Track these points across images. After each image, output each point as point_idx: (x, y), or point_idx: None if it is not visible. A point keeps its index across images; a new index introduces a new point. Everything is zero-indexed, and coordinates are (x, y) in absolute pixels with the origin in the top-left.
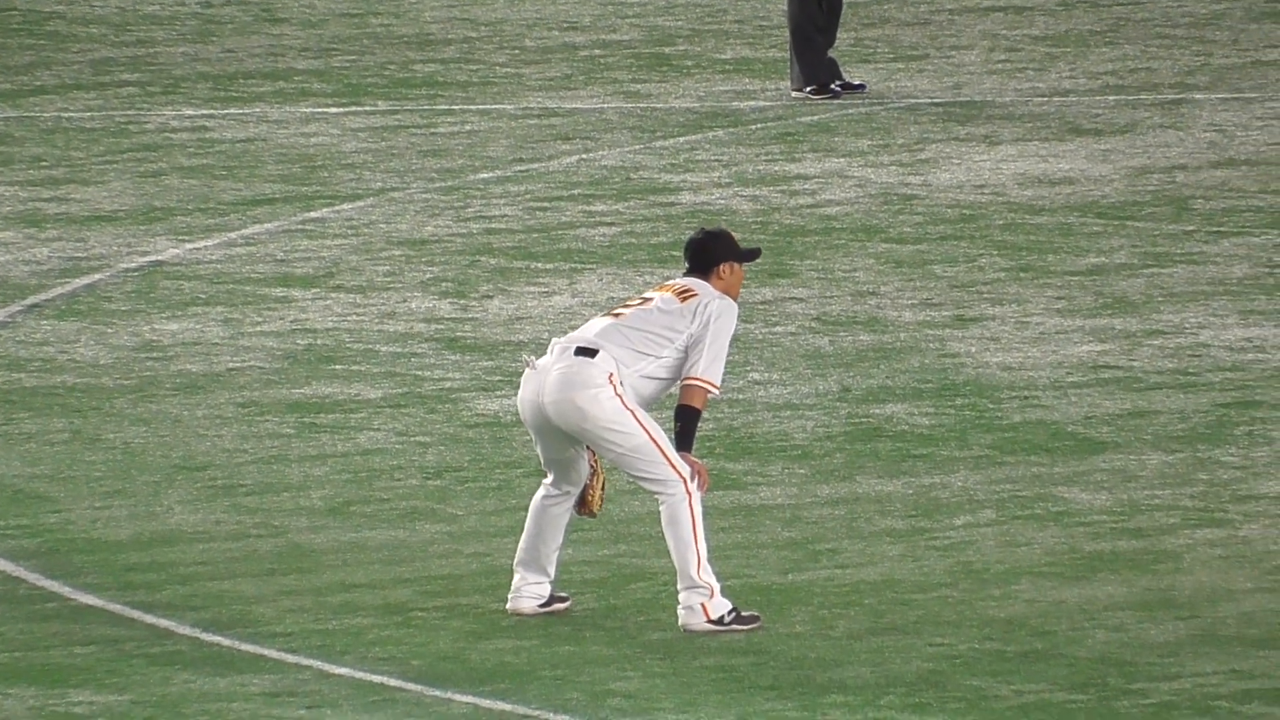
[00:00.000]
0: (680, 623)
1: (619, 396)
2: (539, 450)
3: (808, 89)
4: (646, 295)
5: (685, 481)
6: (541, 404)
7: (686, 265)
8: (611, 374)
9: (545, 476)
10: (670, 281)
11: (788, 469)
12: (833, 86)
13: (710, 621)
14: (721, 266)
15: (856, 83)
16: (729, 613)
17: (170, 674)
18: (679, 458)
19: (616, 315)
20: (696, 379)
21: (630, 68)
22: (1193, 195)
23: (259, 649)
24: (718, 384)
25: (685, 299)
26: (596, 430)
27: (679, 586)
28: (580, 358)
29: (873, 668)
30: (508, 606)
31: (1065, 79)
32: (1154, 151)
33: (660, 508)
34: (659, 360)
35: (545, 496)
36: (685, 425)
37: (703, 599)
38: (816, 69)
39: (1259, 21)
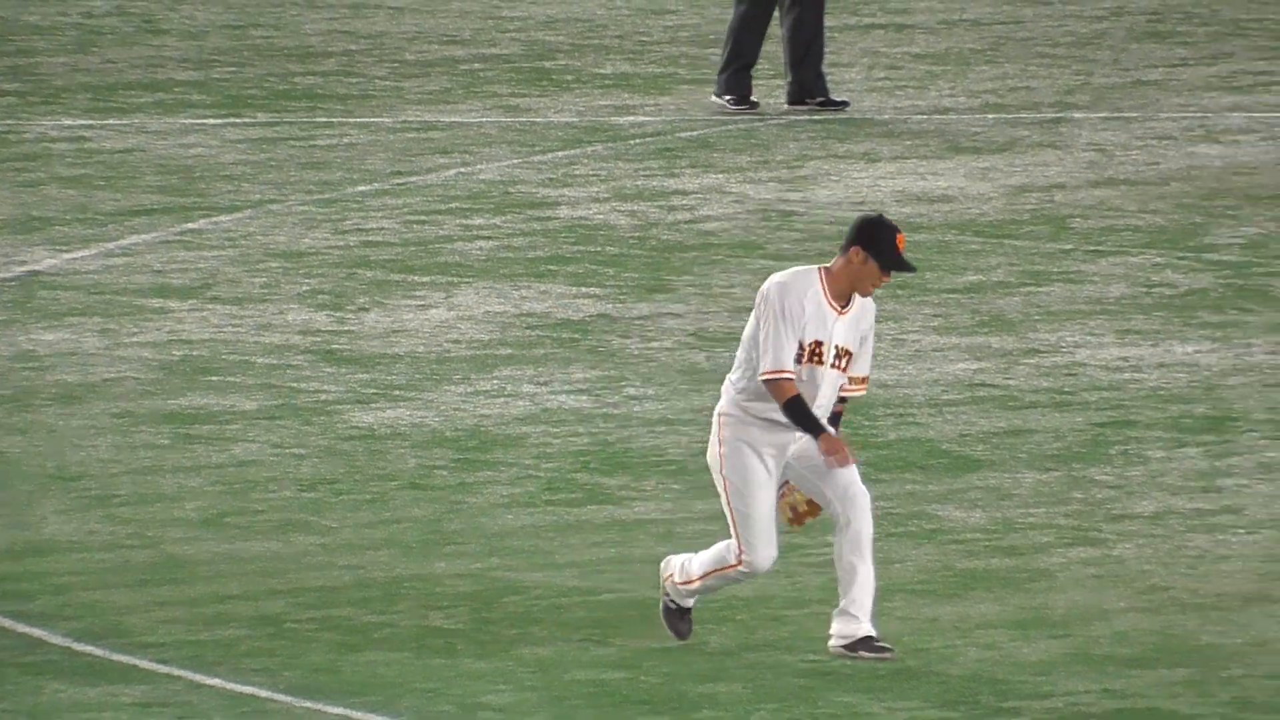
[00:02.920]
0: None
1: (719, 441)
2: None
3: (726, 98)
4: None
5: (741, 555)
6: None
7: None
8: (721, 412)
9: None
10: None
11: (663, 484)
12: (807, 101)
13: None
14: (852, 250)
15: (839, 99)
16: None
17: (42, 683)
18: (748, 535)
19: None
20: (761, 376)
21: (510, 82)
22: (1071, 214)
23: (131, 659)
24: (770, 368)
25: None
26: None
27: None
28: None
29: (745, 683)
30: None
31: (945, 97)
32: (1033, 170)
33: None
34: (745, 368)
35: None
36: (794, 417)
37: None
38: (736, 79)
39: (1140, 41)
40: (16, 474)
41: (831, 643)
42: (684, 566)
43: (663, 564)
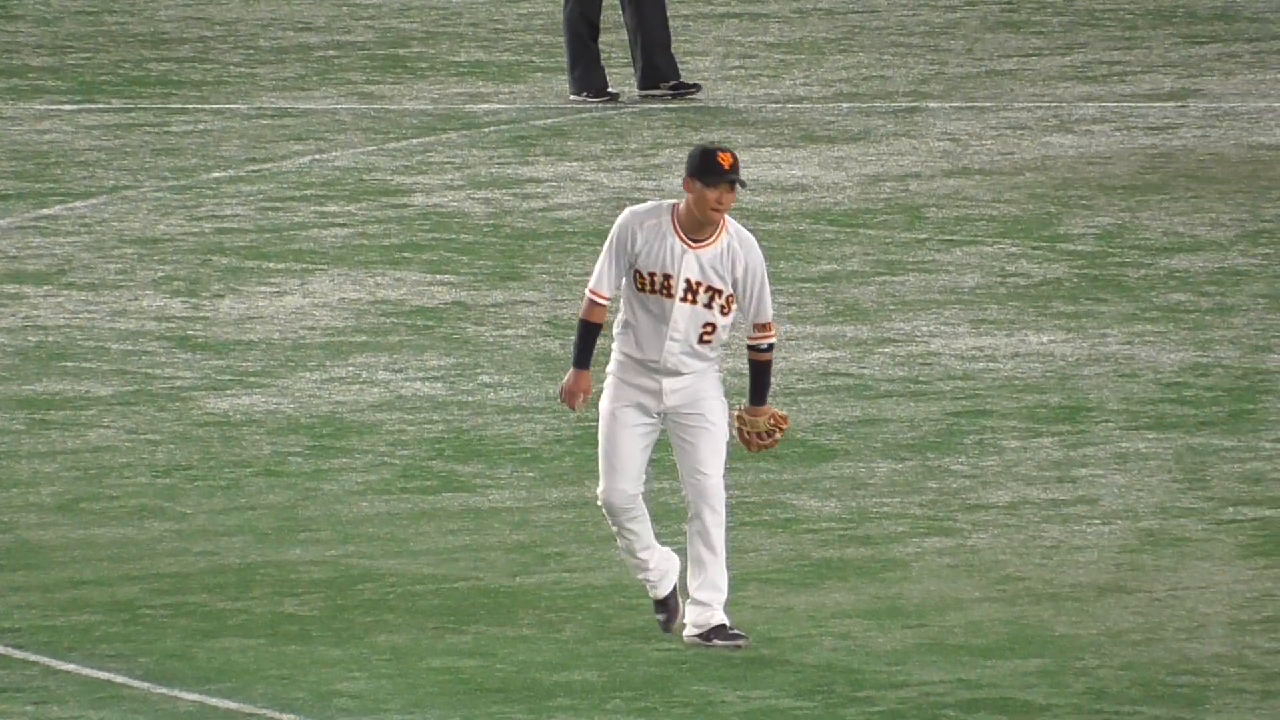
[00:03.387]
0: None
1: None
2: None
3: (584, 93)
4: None
5: (599, 489)
6: None
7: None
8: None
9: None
10: None
11: (517, 472)
12: (660, 85)
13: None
14: (685, 183)
15: (691, 82)
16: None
17: None
18: (604, 467)
19: None
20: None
21: (364, 69)
22: (926, 204)
23: None
24: (590, 286)
25: None
26: None
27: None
28: None
29: (599, 671)
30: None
31: (799, 86)
32: (887, 160)
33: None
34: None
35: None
36: (577, 337)
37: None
38: (590, 75)
39: (994, 31)
40: None
41: (686, 632)
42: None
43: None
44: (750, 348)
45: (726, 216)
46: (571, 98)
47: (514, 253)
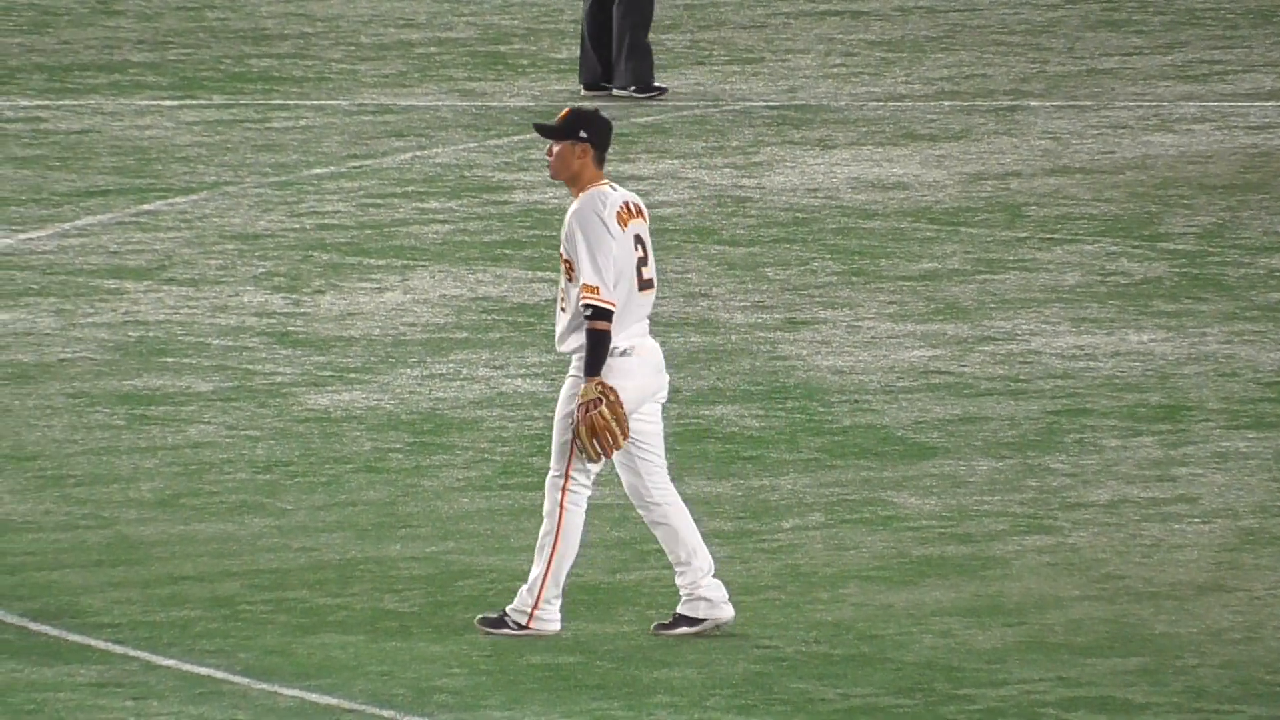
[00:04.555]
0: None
1: None
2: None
3: (631, 88)
4: (639, 234)
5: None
6: (661, 379)
7: (607, 153)
8: None
9: (590, 475)
10: (623, 195)
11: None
12: (604, 85)
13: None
14: None
15: (660, 85)
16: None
17: None
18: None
19: (650, 280)
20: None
21: (466, 66)
22: (1026, 202)
23: (86, 639)
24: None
25: (646, 219)
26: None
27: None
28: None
29: (699, 669)
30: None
31: (900, 84)
32: (988, 158)
33: (668, 504)
34: None
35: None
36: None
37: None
38: (642, 69)
39: (1094, 30)
40: None
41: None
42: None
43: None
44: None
45: (606, 182)
46: (615, 91)
47: None
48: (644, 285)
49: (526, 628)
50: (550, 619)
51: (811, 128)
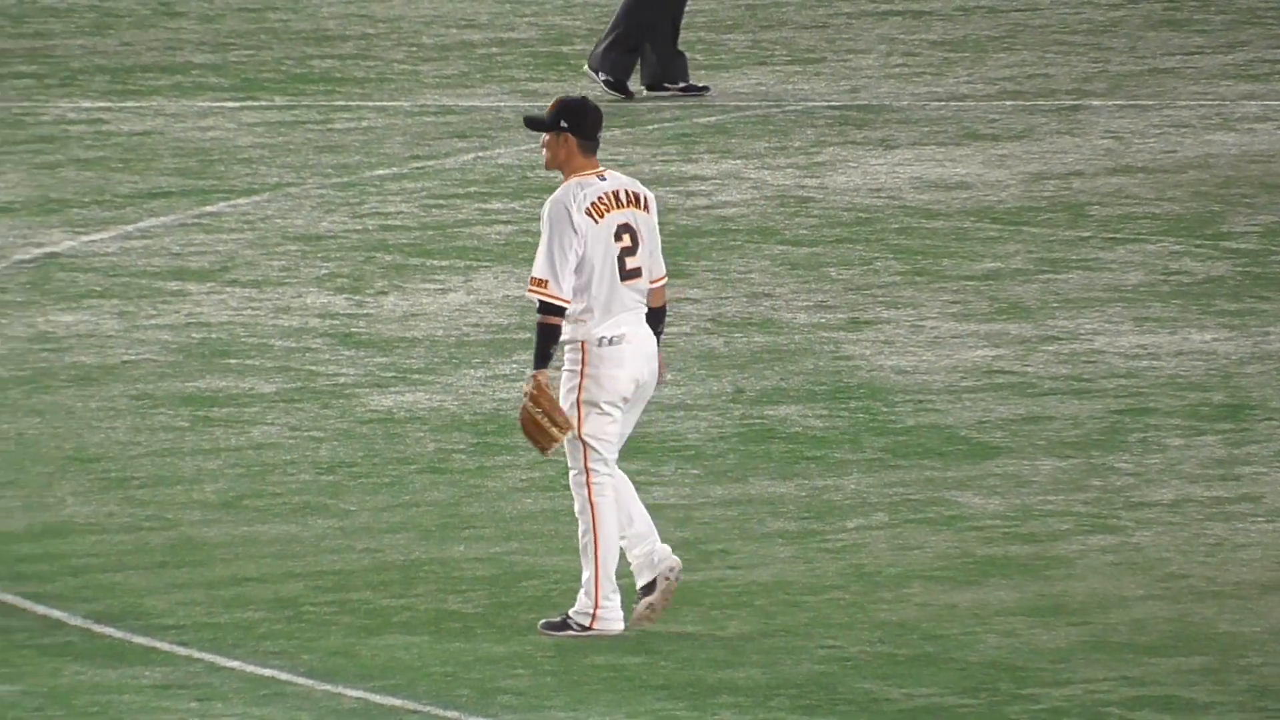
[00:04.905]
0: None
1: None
2: (621, 430)
3: (602, 77)
4: (626, 224)
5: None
6: (646, 371)
7: (597, 138)
8: None
9: (609, 463)
10: (608, 185)
11: (681, 469)
12: (666, 85)
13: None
14: None
15: (701, 85)
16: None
17: (61, 665)
18: None
19: (636, 271)
20: (665, 275)
21: (527, 66)
22: (1089, 202)
23: (150, 641)
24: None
25: (647, 209)
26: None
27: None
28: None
29: (763, 669)
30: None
31: (962, 84)
32: (1050, 158)
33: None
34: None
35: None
36: (663, 326)
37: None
38: (623, 62)
39: (1156, 29)
40: (34, 456)
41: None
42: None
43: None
44: None
45: (595, 171)
46: (585, 69)
47: (677, 250)
48: (627, 275)
49: (590, 629)
50: (613, 618)
51: (874, 128)
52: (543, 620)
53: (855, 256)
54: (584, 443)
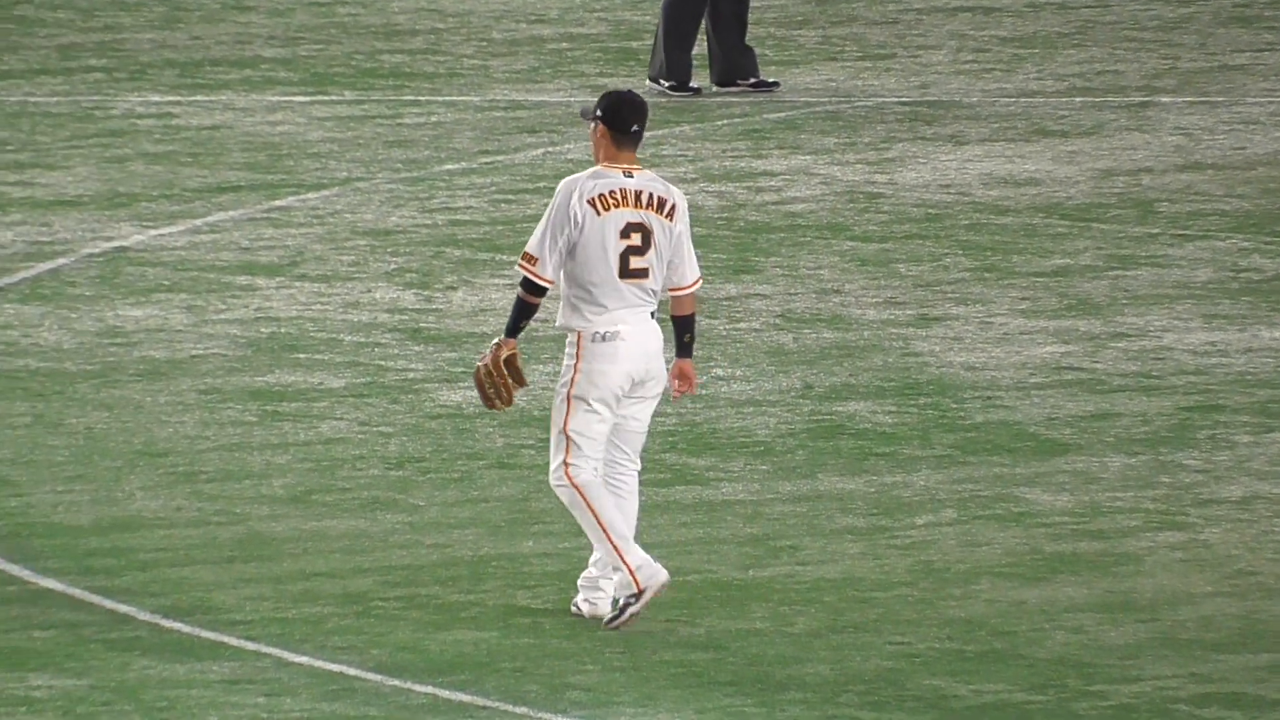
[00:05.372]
0: (592, 612)
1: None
2: (604, 429)
3: (665, 84)
4: (638, 224)
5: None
6: (648, 367)
7: (635, 131)
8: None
9: (593, 461)
10: (632, 183)
11: (750, 465)
12: (738, 81)
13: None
14: None
15: (772, 80)
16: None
17: (129, 659)
18: None
19: (642, 272)
20: (697, 281)
21: (597, 61)
22: (1158, 198)
23: (218, 636)
24: (700, 274)
25: (670, 217)
26: (654, 403)
27: (605, 574)
28: (654, 323)
29: (832, 665)
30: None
31: (1032, 80)
32: (1120, 154)
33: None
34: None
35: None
36: (693, 330)
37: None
38: (679, 64)
39: (1226, 26)
40: (103, 450)
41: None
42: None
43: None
44: None
45: (624, 166)
46: (648, 83)
47: (746, 246)
48: (631, 274)
49: (643, 593)
50: (651, 570)
51: (943, 124)
52: (605, 619)
53: (925, 253)
54: (567, 438)
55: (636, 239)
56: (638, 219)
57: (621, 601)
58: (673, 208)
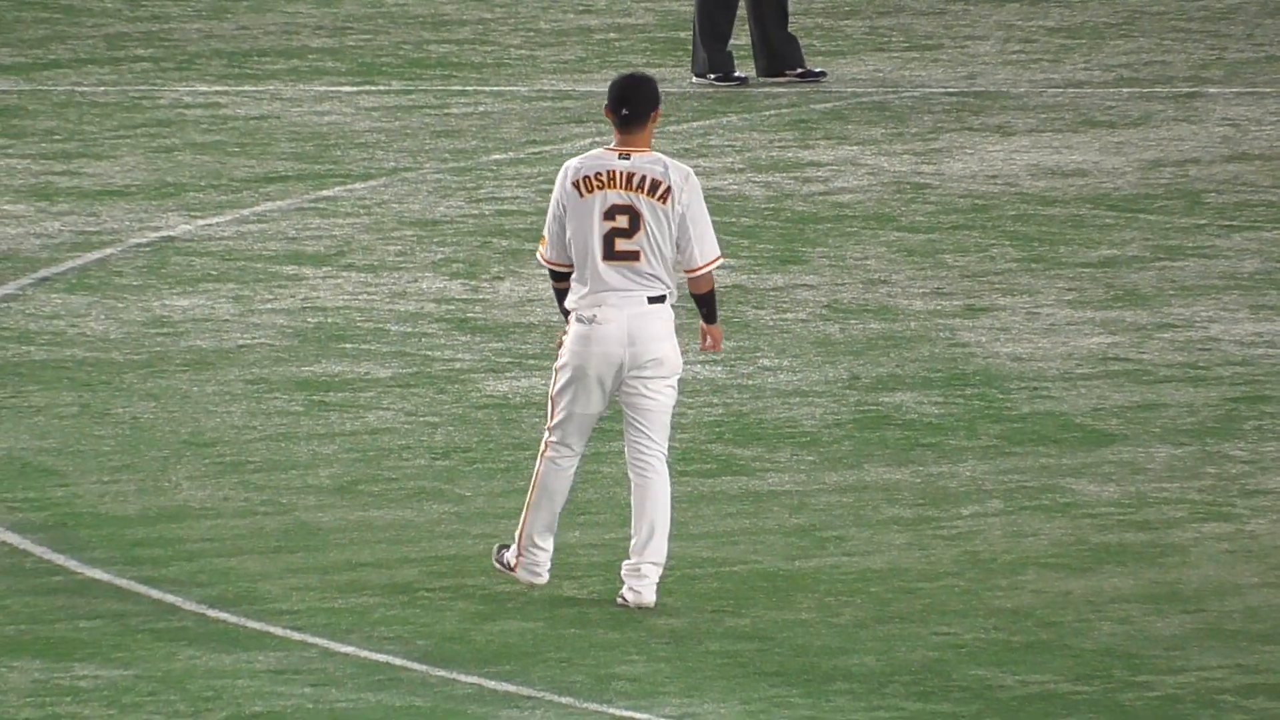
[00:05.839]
0: (641, 603)
1: (669, 336)
2: (580, 410)
3: (711, 76)
4: (626, 206)
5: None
6: (625, 351)
7: (624, 114)
8: (667, 312)
9: (566, 447)
10: (623, 165)
11: (796, 455)
12: (785, 72)
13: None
14: (656, 111)
15: (818, 70)
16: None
17: (175, 649)
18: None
19: (630, 254)
20: (711, 262)
21: (644, 52)
22: (1205, 189)
23: (264, 626)
24: (718, 254)
25: (665, 199)
26: (661, 382)
27: (644, 559)
28: (655, 305)
29: (878, 656)
30: (541, 581)
31: (1079, 71)
32: (1167, 145)
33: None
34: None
35: (570, 465)
36: (713, 305)
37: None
38: (719, 56)
39: (1274, 16)
40: (150, 440)
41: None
42: (655, 565)
43: (648, 595)
44: None
45: (615, 149)
46: (694, 79)
47: (793, 236)
48: (615, 256)
49: (513, 570)
50: (532, 572)
51: (990, 114)
52: (499, 544)
53: (971, 243)
54: (551, 403)
55: (623, 221)
56: (625, 201)
57: (503, 549)
58: (667, 190)
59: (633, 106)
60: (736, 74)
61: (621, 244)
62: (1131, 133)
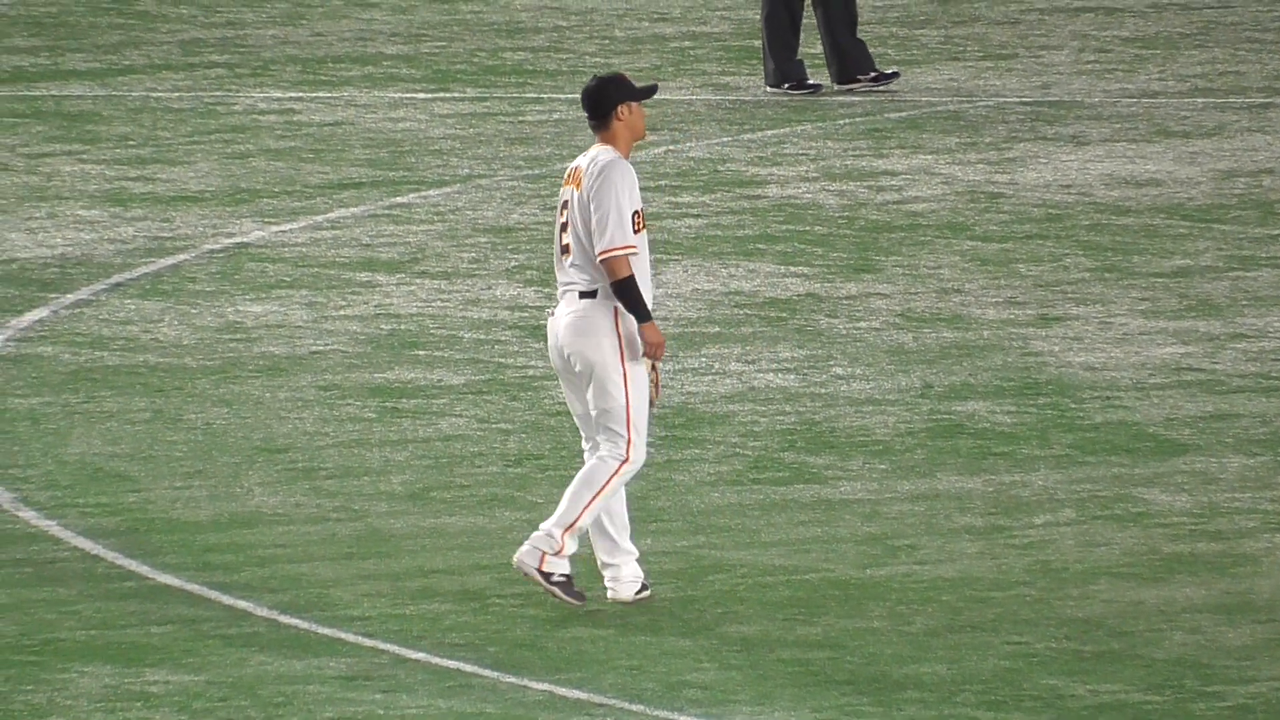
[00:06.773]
0: (519, 560)
1: (614, 333)
2: (569, 405)
3: (785, 85)
4: (566, 200)
5: (630, 451)
6: (561, 349)
7: (589, 120)
8: (599, 305)
9: (586, 438)
10: (575, 165)
11: (868, 464)
12: (858, 77)
13: (540, 571)
14: (619, 108)
15: (890, 71)
16: (561, 576)
17: (246, 655)
18: (642, 425)
19: (565, 248)
20: (606, 251)
21: (719, 60)
22: (1279, 200)
23: (336, 632)
24: (629, 243)
25: (579, 186)
26: (596, 384)
27: (543, 528)
28: (585, 301)
29: (949, 665)
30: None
31: (1154, 81)
32: (1241, 155)
33: (588, 458)
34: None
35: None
36: (627, 298)
37: (547, 549)
38: (789, 66)
39: None
40: (223, 446)
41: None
42: (550, 535)
43: (520, 564)
44: None
45: (594, 149)
46: (769, 90)
47: (867, 245)
48: (560, 251)
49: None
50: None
51: (1065, 124)
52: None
53: (1045, 253)
54: None
55: (564, 216)
56: (566, 196)
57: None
58: (582, 176)
59: (590, 110)
60: (810, 82)
61: (564, 238)
62: (1206, 143)
